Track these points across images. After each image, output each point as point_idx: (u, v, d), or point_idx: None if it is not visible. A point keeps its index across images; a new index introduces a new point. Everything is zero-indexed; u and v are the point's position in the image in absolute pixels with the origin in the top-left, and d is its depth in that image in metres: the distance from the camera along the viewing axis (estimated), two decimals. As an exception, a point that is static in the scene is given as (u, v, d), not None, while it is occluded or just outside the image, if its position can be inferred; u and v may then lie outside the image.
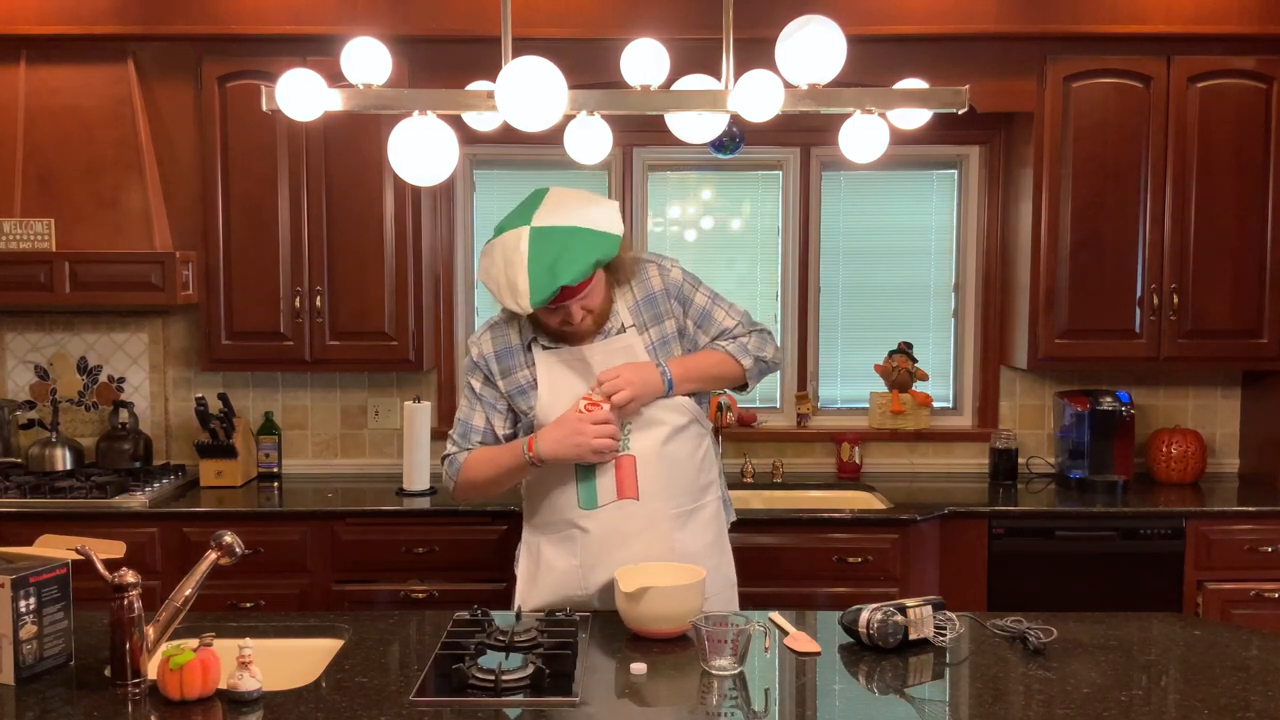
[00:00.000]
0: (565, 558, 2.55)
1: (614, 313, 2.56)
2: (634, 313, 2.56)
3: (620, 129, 3.22)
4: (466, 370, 2.65)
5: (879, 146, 2.28)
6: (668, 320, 2.58)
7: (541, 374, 2.55)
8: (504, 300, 2.46)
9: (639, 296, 2.57)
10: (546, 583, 2.58)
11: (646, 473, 2.51)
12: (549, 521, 2.59)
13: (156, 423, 4.18)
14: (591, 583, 2.53)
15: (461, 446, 2.62)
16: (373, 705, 1.91)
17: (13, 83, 3.76)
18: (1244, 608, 3.63)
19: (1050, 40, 3.80)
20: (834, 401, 4.36)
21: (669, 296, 2.58)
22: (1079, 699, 1.94)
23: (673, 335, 2.58)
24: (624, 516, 2.50)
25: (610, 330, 2.55)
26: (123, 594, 1.97)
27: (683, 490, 2.56)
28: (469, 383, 2.63)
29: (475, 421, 2.62)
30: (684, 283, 2.61)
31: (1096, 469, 3.95)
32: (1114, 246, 3.87)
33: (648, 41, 2.29)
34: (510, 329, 2.60)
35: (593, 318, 2.52)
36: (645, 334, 2.56)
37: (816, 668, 2.14)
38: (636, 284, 2.57)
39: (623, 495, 2.50)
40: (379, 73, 2.19)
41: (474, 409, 2.62)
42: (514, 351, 2.58)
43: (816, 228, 4.28)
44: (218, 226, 3.83)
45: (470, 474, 2.59)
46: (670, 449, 2.53)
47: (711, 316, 2.62)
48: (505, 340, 2.60)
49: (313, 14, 3.71)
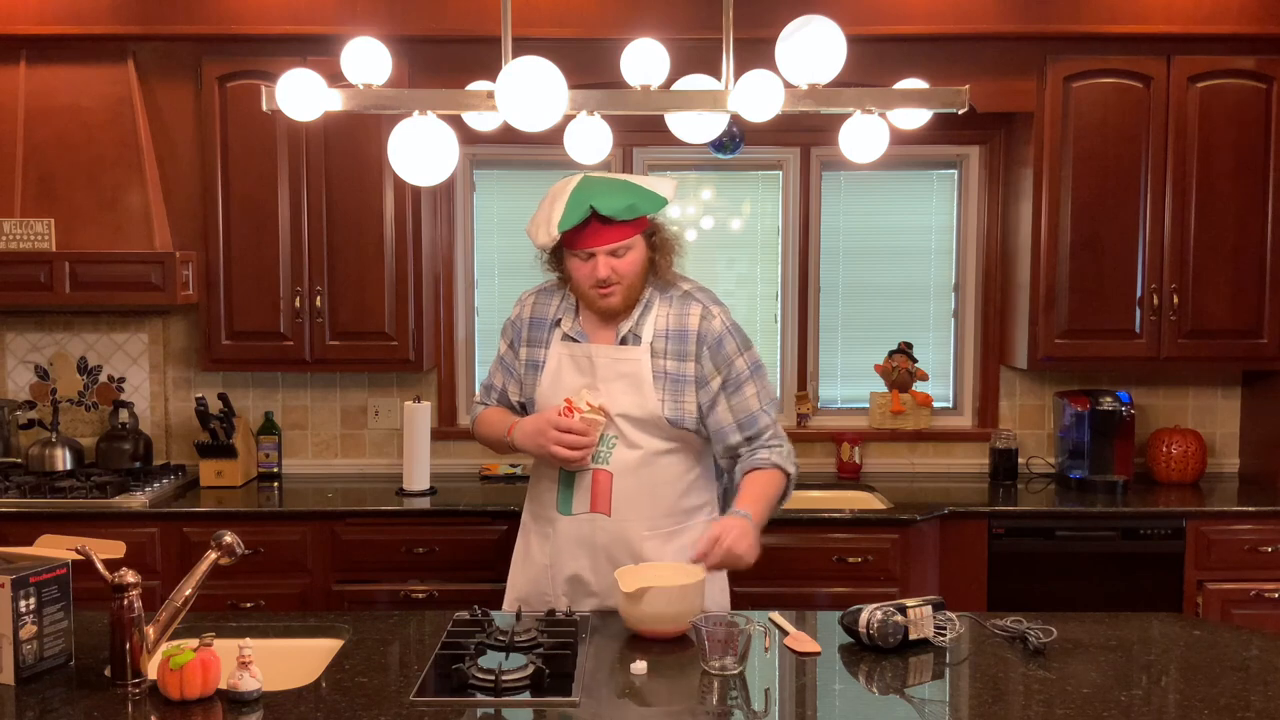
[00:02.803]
0: (541, 552, 2.60)
1: (639, 323, 2.53)
2: (660, 336, 2.52)
3: (620, 129, 3.22)
4: (502, 330, 2.72)
5: (879, 146, 2.28)
6: (689, 363, 2.51)
7: (550, 361, 2.57)
8: (538, 235, 2.49)
9: (671, 326, 2.52)
10: (528, 572, 2.64)
11: (621, 491, 2.50)
12: (537, 514, 2.64)
13: (156, 423, 4.18)
14: (559, 583, 2.56)
15: (482, 400, 2.75)
16: (373, 705, 1.91)
17: (13, 83, 3.76)
18: (1244, 608, 3.63)
19: (1050, 40, 3.80)
20: (834, 401, 4.36)
21: (701, 343, 2.50)
22: (1079, 699, 1.94)
23: (690, 380, 2.51)
24: (593, 529, 2.52)
25: (627, 337, 2.54)
26: (123, 594, 1.97)
27: (663, 512, 2.53)
28: (500, 342, 2.72)
29: (495, 380, 2.72)
30: (725, 337, 2.51)
31: (1096, 469, 3.94)
32: (1114, 246, 3.87)
33: (648, 41, 2.29)
34: (552, 300, 2.63)
35: (621, 292, 2.47)
36: (660, 360, 2.50)
37: (816, 668, 2.14)
38: (675, 311, 2.53)
39: (594, 509, 2.52)
40: (379, 73, 2.19)
41: (496, 369, 2.72)
42: (544, 325, 2.61)
43: (816, 228, 4.28)
44: (218, 226, 3.83)
45: (479, 429, 2.72)
46: (649, 471, 2.51)
47: (743, 391, 2.51)
48: (545, 310, 2.63)
49: (313, 14, 3.71)
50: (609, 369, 2.52)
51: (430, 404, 4.00)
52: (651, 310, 2.54)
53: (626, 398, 2.50)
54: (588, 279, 2.48)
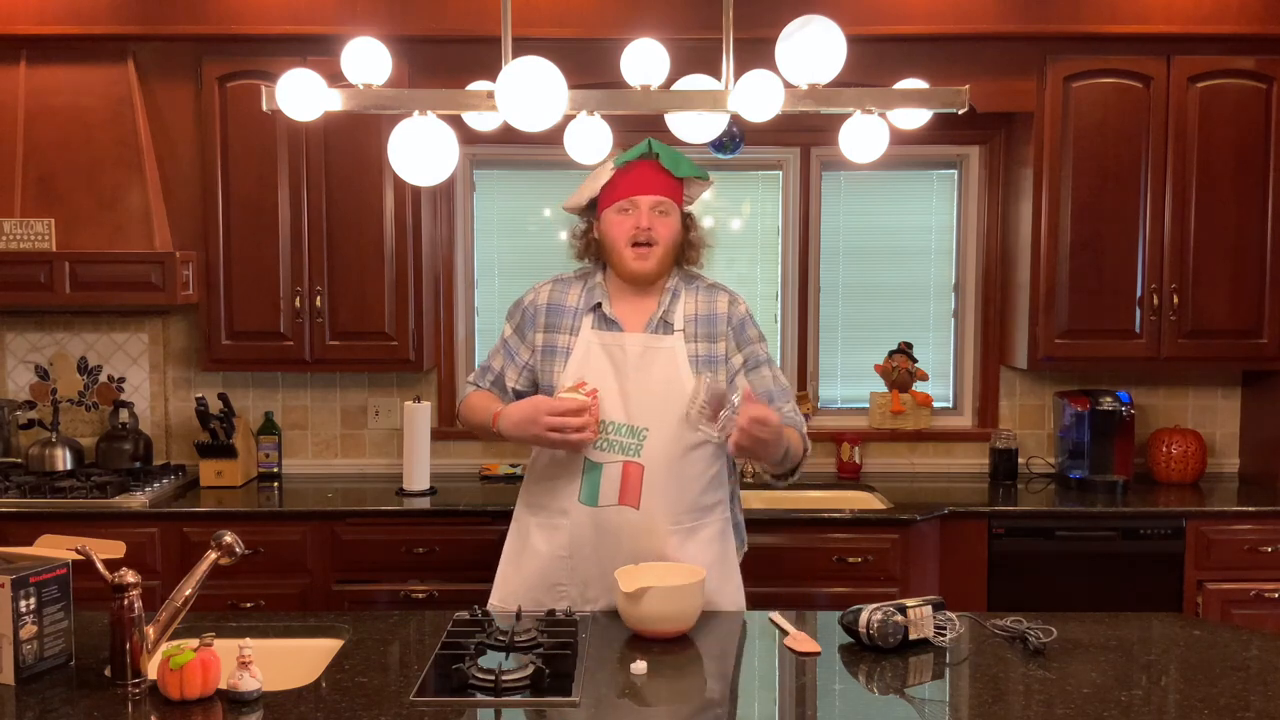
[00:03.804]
0: (552, 545, 2.55)
1: (669, 311, 2.57)
2: (690, 322, 2.57)
3: (620, 129, 3.21)
4: (508, 313, 2.70)
5: (879, 146, 2.28)
6: (720, 343, 2.58)
7: (579, 349, 2.56)
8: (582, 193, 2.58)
9: (700, 312, 2.59)
10: (530, 566, 2.58)
11: (652, 484, 2.49)
12: (542, 505, 2.59)
13: (156, 423, 4.19)
14: (577, 576, 2.53)
15: (475, 381, 2.70)
16: (373, 705, 1.91)
17: (13, 83, 3.76)
18: (1244, 608, 3.64)
19: (1050, 40, 3.80)
20: (834, 401, 4.36)
21: (728, 324, 2.59)
22: (1079, 699, 1.94)
23: (722, 358, 2.57)
24: (620, 523, 2.50)
25: (659, 325, 2.56)
26: (123, 594, 1.97)
27: (686, 507, 2.53)
28: (505, 326, 2.70)
29: (494, 363, 2.68)
30: (748, 322, 2.62)
31: (1096, 469, 3.95)
32: (1114, 246, 3.87)
33: (648, 41, 2.29)
34: (572, 290, 2.63)
35: (656, 255, 2.53)
36: (693, 344, 2.56)
37: (816, 668, 2.14)
38: (703, 299, 2.60)
39: (623, 501, 2.49)
40: (379, 73, 2.19)
41: (497, 352, 2.69)
42: (566, 312, 2.61)
43: (816, 228, 4.28)
44: (218, 226, 3.83)
45: (465, 412, 2.67)
46: (680, 465, 2.51)
47: (760, 371, 2.59)
48: (563, 298, 2.63)
49: (313, 14, 3.71)
50: (642, 358, 2.52)
51: (430, 404, 4.00)
52: (679, 299, 2.59)
53: (661, 388, 2.50)
54: (625, 235, 2.53)
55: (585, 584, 2.53)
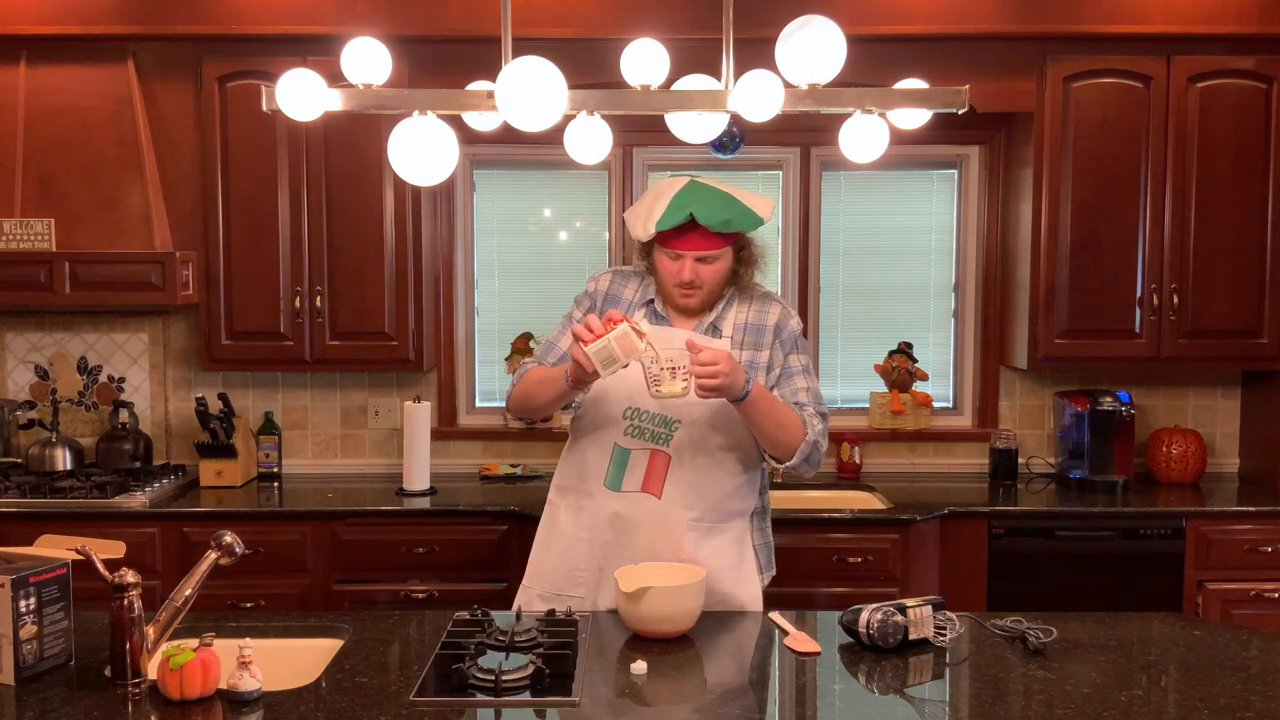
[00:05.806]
0: (575, 526, 2.60)
1: (720, 317, 2.59)
2: (739, 330, 2.59)
3: (620, 129, 3.22)
4: (575, 301, 2.71)
5: (879, 146, 2.28)
6: (764, 351, 2.59)
7: None
8: (635, 227, 2.54)
9: (751, 321, 2.60)
10: (556, 547, 2.62)
11: (676, 477, 2.52)
12: (570, 487, 2.63)
13: (156, 423, 4.19)
14: (595, 560, 2.55)
15: (538, 359, 2.68)
16: (373, 705, 1.91)
17: (13, 83, 3.76)
18: (1244, 608, 3.64)
19: (1050, 40, 3.80)
20: (834, 401, 4.36)
21: (777, 337, 2.60)
22: (1079, 699, 1.94)
23: (764, 366, 2.59)
24: (640, 510, 2.52)
25: (708, 330, 2.58)
26: (123, 594, 1.97)
27: (708, 506, 2.54)
28: (572, 311, 2.70)
29: (562, 344, 2.65)
30: (797, 337, 2.64)
31: (1096, 469, 3.94)
32: (1114, 246, 3.87)
33: (648, 41, 2.29)
34: (629, 283, 2.66)
35: (700, 295, 2.55)
36: (738, 351, 2.57)
37: (816, 668, 2.14)
38: (755, 309, 2.61)
39: (645, 489, 2.53)
40: (379, 73, 2.19)
41: (564, 333, 2.66)
42: (621, 303, 2.63)
43: (816, 228, 4.28)
44: (218, 226, 3.83)
45: (525, 383, 2.61)
46: (706, 462, 2.53)
47: (794, 382, 2.59)
48: (620, 289, 2.66)
49: (313, 14, 3.71)
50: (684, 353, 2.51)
51: (430, 404, 4.00)
52: (732, 307, 2.62)
53: None
54: (672, 277, 2.54)
55: (601, 570, 2.54)
